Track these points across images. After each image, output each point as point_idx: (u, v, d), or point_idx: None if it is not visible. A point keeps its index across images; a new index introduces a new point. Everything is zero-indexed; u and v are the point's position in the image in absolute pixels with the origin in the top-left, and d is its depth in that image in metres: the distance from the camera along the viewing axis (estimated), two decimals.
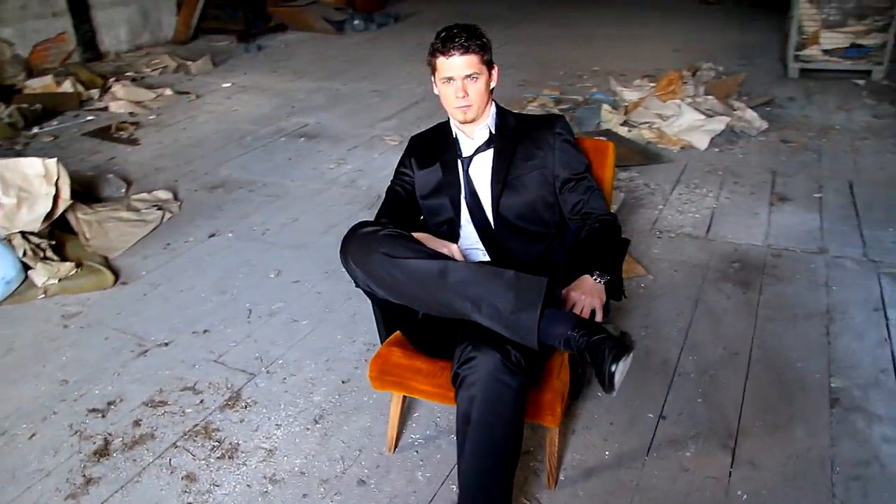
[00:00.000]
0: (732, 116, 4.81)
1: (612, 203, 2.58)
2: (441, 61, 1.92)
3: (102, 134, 5.16)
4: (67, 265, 3.11)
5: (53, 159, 3.29)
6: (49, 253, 3.17)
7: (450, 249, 1.75)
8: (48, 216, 3.24)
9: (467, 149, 2.04)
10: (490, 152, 2.02)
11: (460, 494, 1.56)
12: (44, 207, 3.21)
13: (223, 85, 6.45)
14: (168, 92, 6.09)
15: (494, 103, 2.05)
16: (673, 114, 4.83)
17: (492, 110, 2.04)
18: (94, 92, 6.04)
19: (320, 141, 4.97)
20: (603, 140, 2.21)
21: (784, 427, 2.19)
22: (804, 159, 4.33)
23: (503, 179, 1.97)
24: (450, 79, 1.92)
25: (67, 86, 5.99)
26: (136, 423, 2.30)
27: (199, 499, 2.01)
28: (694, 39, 7.65)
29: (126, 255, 3.40)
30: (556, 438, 1.92)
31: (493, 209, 1.97)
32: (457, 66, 1.90)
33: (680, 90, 5.14)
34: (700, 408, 2.28)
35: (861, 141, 4.58)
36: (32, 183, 3.23)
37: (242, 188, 4.17)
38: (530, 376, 1.63)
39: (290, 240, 3.54)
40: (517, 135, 2.03)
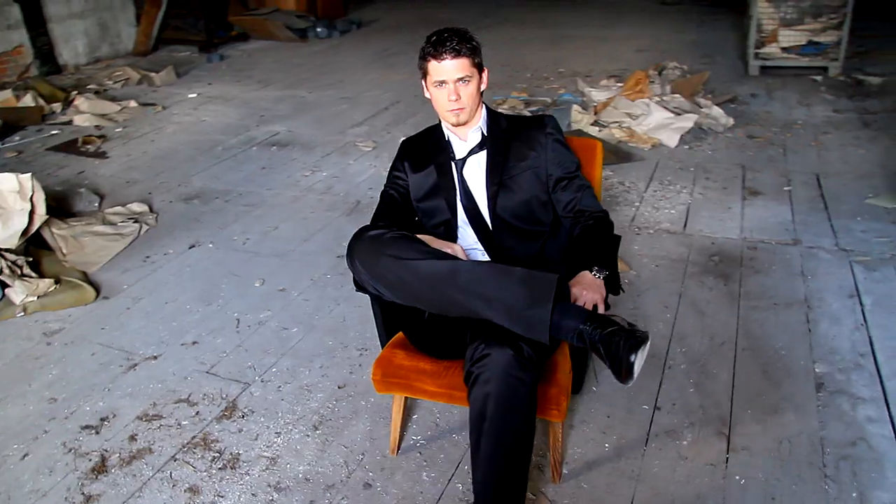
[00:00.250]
0: (699, 114, 4.93)
1: None
2: (433, 65, 1.94)
3: (68, 148, 5.06)
4: (46, 282, 3.05)
5: (28, 174, 3.22)
6: (26, 270, 3.11)
7: (453, 250, 1.77)
8: (24, 232, 3.17)
9: (460, 151, 2.06)
10: (483, 154, 2.04)
11: (478, 491, 1.58)
12: (20, 224, 3.14)
13: (189, 95, 6.38)
14: (133, 104, 6.00)
15: (484, 105, 2.08)
16: (642, 113, 4.93)
17: (482, 112, 2.07)
18: (57, 106, 5.92)
19: (292, 149, 4.95)
20: (591, 138, 2.26)
21: (774, 412, 2.26)
22: (771, 154, 4.46)
23: (498, 180, 2.00)
24: (442, 82, 1.94)
25: (28, 100, 5.86)
26: (132, 438, 2.27)
27: None
28: (656, 39, 7.81)
29: (105, 270, 3.34)
30: (560, 433, 1.95)
31: (490, 209, 1.99)
32: (448, 70, 1.92)
33: (647, 89, 5.24)
34: (693, 397, 2.34)
35: (823, 135, 4.73)
36: (7, 199, 3.16)
37: (218, 198, 4.14)
38: (538, 372, 1.66)
39: (272, 248, 3.52)
40: (509, 136, 2.06)
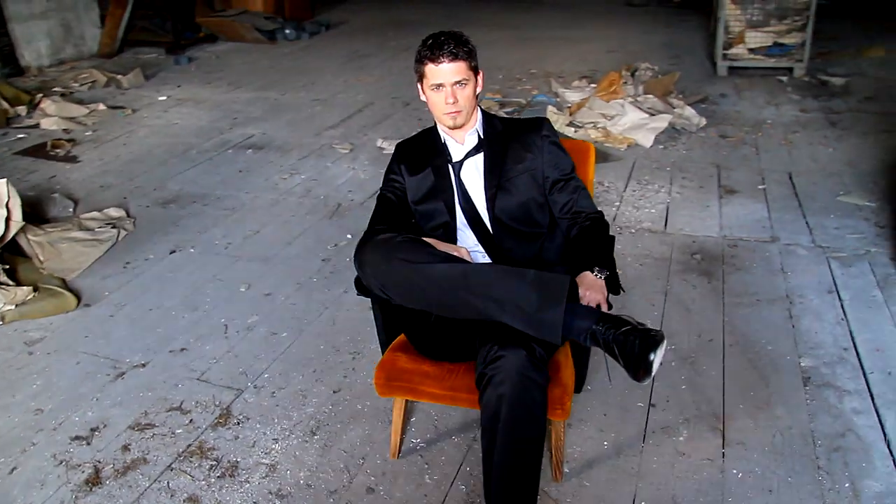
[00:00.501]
0: (673, 114, 5.01)
1: None
2: (430, 68, 1.94)
3: (37, 152, 4.94)
4: (24, 289, 2.98)
5: (3, 180, 3.14)
6: (3, 278, 3.03)
7: (459, 253, 1.78)
8: (0, 239, 3.09)
9: (457, 154, 2.07)
10: (480, 156, 2.05)
11: (492, 492, 1.59)
12: None
13: (158, 98, 6.28)
14: (101, 107, 5.88)
15: (480, 108, 2.09)
16: (617, 113, 4.99)
17: (478, 115, 2.08)
18: (22, 109, 5.77)
19: (268, 152, 4.90)
20: (583, 141, 2.28)
21: (765, 407, 2.31)
22: (743, 153, 4.56)
23: (496, 182, 2.01)
24: (439, 85, 1.95)
25: None
26: (126, 448, 2.23)
27: None
28: (626, 40, 7.91)
29: (84, 276, 3.27)
30: (563, 432, 1.97)
31: (489, 212, 2.00)
32: (446, 73, 1.93)
33: (621, 90, 5.32)
34: (685, 394, 2.38)
35: (793, 134, 4.85)
36: None
37: (196, 202, 4.08)
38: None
39: (255, 252, 3.48)
40: (505, 138, 2.07)
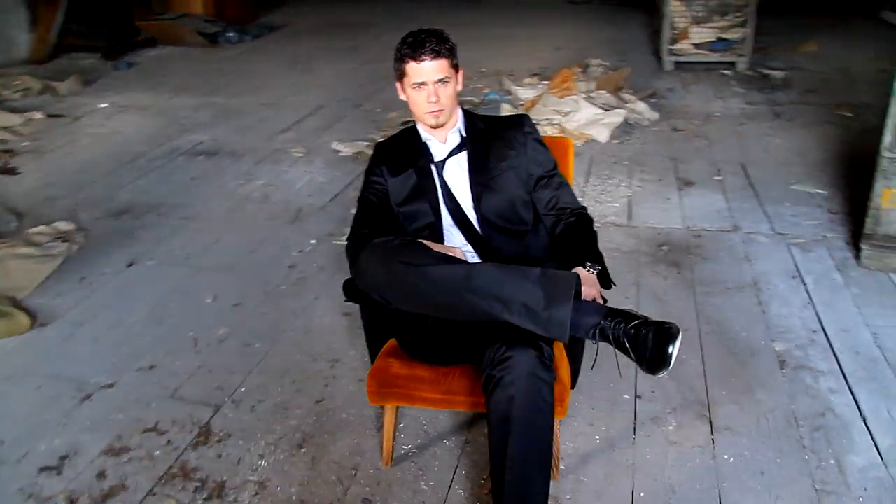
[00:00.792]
0: (626, 109, 5.08)
1: None
2: (411, 66, 1.91)
3: None
4: None
5: None
6: None
7: (454, 254, 1.74)
8: None
9: (439, 153, 2.04)
10: (463, 155, 2.03)
11: (505, 494, 1.56)
12: None
13: (100, 105, 6.04)
14: (39, 115, 5.62)
15: (459, 106, 2.06)
16: (571, 109, 5.03)
17: (459, 113, 2.05)
18: None
19: (221, 158, 4.77)
20: (562, 137, 2.28)
21: (747, 391, 2.35)
22: (697, 145, 4.65)
23: (482, 181, 1.99)
24: (421, 84, 1.92)
25: None
26: (101, 476, 2.11)
27: None
28: (571, 38, 8.00)
29: (37, 295, 3.11)
30: (558, 429, 1.96)
31: (476, 211, 1.98)
32: (428, 71, 1.90)
33: (574, 86, 5.36)
34: (669, 384, 2.40)
35: (741, 126, 4.98)
36: None
37: (150, 212, 3.93)
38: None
39: (218, 262, 3.37)
40: (488, 136, 2.05)
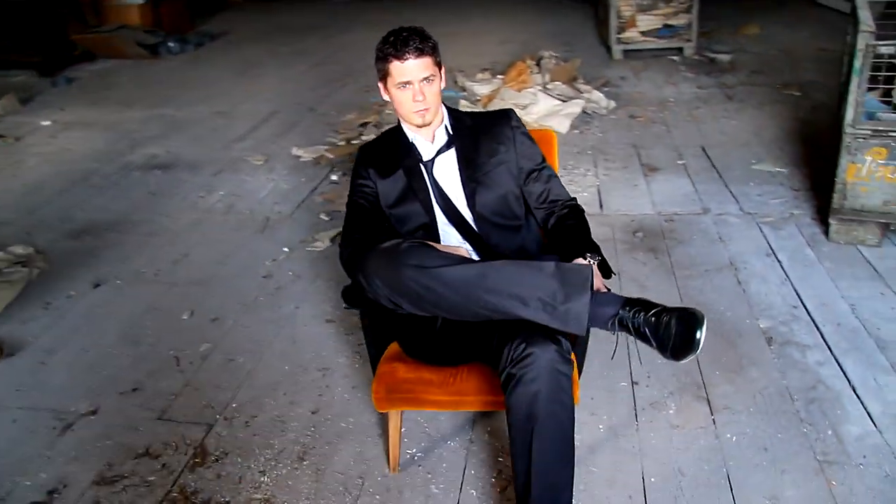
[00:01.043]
0: (582, 99, 5.13)
1: None
2: (395, 66, 1.88)
3: None
4: None
5: None
6: None
7: (459, 252, 1.72)
8: None
9: (427, 152, 2.01)
10: (451, 153, 2.00)
11: (533, 490, 1.54)
12: None
13: (42, 123, 5.80)
14: None
15: (443, 104, 2.04)
16: (530, 102, 5.05)
17: (443, 111, 2.03)
18: None
19: (178, 170, 4.63)
20: (547, 130, 2.28)
21: (739, 370, 2.39)
22: (655, 131, 4.72)
23: (474, 177, 1.97)
24: (406, 83, 1.89)
25: None
26: None
27: None
28: (515, 32, 8.01)
29: (0, 323, 2.97)
30: None
31: (471, 208, 1.96)
32: (413, 70, 1.88)
33: (529, 79, 5.39)
34: (663, 368, 2.42)
35: (696, 110, 5.07)
36: None
37: (111, 231, 3.79)
38: None
39: (189, 277, 3.28)
40: (475, 132, 2.03)
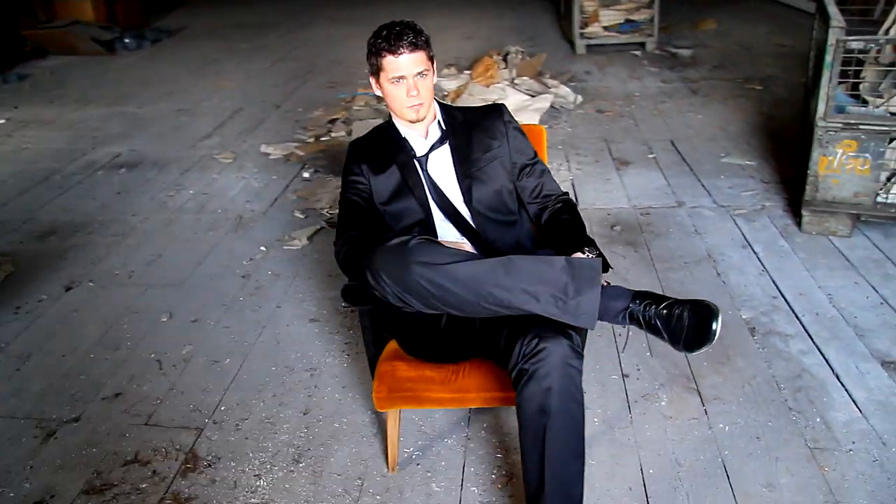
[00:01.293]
0: (551, 93, 5.16)
1: None
2: (389, 60, 1.86)
3: None
4: None
5: None
6: None
7: (463, 248, 1.71)
8: None
9: (420, 148, 2.00)
10: (445, 149, 1.99)
11: (548, 488, 1.54)
12: None
13: None
14: None
15: (435, 99, 2.03)
16: (498, 97, 5.07)
17: (435, 106, 2.02)
18: None
19: (144, 169, 4.52)
20: (536, 125, 2.28)
21: (726, 361, 2.44)
22: (624, 125, 4.78)
23: (469, 172, 1.96)
24: (400, 78, 1.87)
25: None
26: None
27: None
28: (477, 28, 8.04)
29: None
30: None
31: (467, 204, 1.95)
32: (407, 64, 1.86)
33: (497, 74, 5.40)
34: (652, 361, 2.46)
35: (661, 104, 5.15)
36: None
37: (79, 232, 3.68)
38: None
39: (165, 278, 3.20)
40: (467, 127, 2.02)
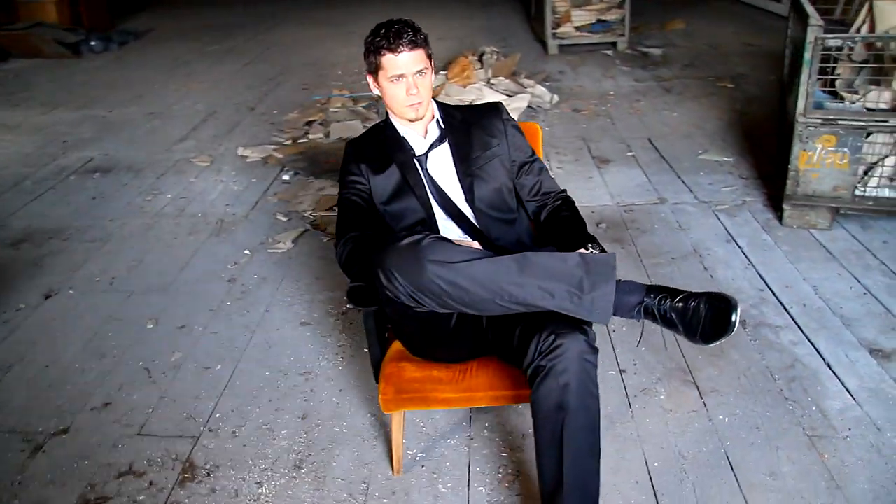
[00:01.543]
0: (527, 93, 5.18)
1: None
2: (389, 59, 1.85)
3: None
4: None
5: None
6: None
7: (473, 247, 1.70)
8: None
9: (419, 147, 1.98)
10: (445, 147, 1.98)
11: (567, 485, 1.53)
12: None
13: None
14: None
15: (433, 98, 2.02)
16: (475, 97, 5.07)
17: (433, 105, 2.01)
18: None
19: (119, 173, 4.42)
20: (530, 122, 2.28)
21: (721, 354, 2.46)
22: (601, 124, 4.81)
23: (470, 171, 1.95)
24: (400, 76, 1.86)
25: None
26: None
27: None
28: (449, 28, 8.03)
29: None
30: None
31: (469, 202, 1.94)
32: (407, 63, 1.85)
33: (473, 74, 5.40)
34: (647, 355, 2.48)
35: (636, 102, 5.20)
36: None
37: (54, 238, 3.58)
38: None
39: (148, 284, 3.13)
40: (466, 125, 2.02)
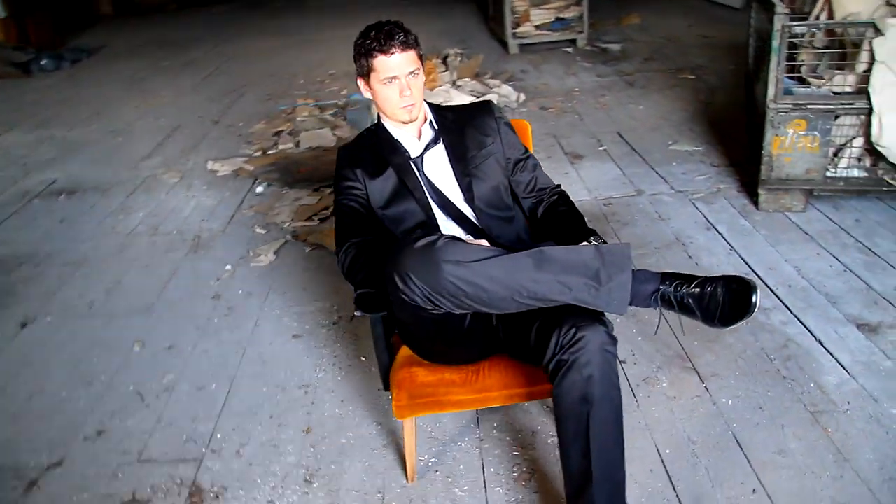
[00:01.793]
0: (494, 93, 5.20)
1: None
2: (381, 61, 1.84)
3: None
4: None
5: None
6: None
7: (482, 245, 1.69)
8: None
9: (414, 149, 1.97)
10: (440, 148, 1.98)
11: (595, 479, 1.53)
12: None
13: None
14: None
15: (424, 100, 2.01)
16: (444, 100, 5.07)
17: (425, 107, 2.00)
18: None
19: (85, 195, 4.30)
20: (519, 119, 2.29)
21: (716, 338, 2.50)
22: (569, 121, 4.85)
23: (467, 171, 1.95)
24: (393, 78, 1.85)
25: None
26: None
27: None
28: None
29: None
30: None
31: (468, 202, 1.93)
32: (399, 64, 1.84)
33: (438, 77, 5.40)
34: (645, 345, 2.50)
35: (602, 98, 5.26)
36: None
37: (25, 264, 3.47)
38: None
39: (129, 305, 3.05)
40: (459, 125, 2.01)
